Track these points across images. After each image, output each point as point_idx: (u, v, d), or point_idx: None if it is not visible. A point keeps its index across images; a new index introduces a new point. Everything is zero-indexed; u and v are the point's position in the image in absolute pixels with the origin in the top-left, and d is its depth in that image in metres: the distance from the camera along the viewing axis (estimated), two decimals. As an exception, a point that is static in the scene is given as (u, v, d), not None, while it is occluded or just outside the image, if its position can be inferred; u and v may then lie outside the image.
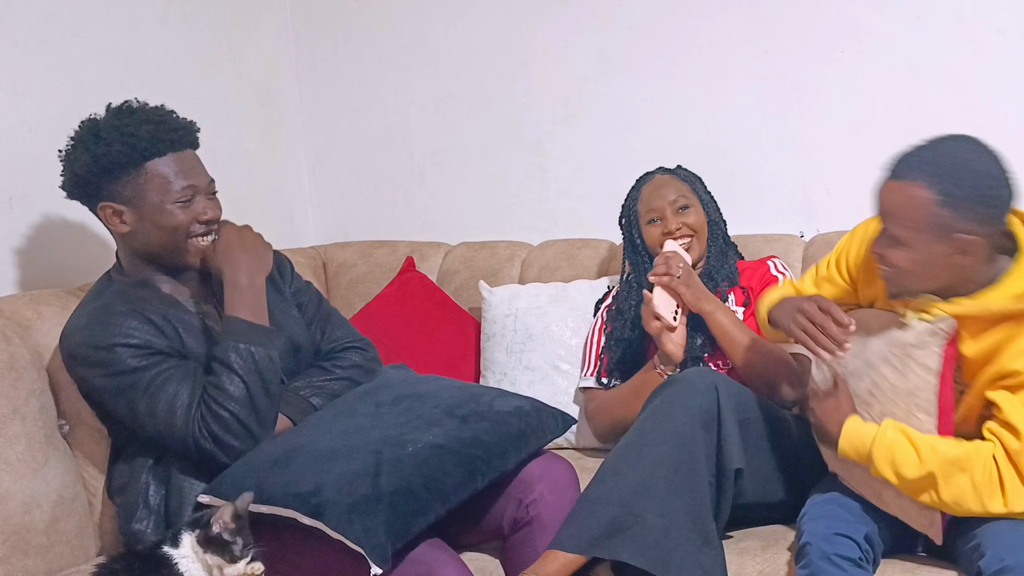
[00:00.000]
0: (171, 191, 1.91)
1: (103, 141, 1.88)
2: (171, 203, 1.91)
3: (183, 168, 1.93)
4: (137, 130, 1.88)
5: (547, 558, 1.78)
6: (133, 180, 1.90)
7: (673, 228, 2.32)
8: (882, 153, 2.55)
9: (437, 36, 2.96)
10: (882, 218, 1.75)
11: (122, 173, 1.89)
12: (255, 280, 1.94)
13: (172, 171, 1.91)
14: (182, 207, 1.92)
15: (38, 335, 2.04)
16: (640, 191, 2.40)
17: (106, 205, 1.92)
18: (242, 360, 1.86)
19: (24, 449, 1.92)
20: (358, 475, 1.73)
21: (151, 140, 1.89)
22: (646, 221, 2.36)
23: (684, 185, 2.37)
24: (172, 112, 1.97)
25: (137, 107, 1.95)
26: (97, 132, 1.90)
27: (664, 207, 2.33)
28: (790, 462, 2.04)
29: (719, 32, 2.67)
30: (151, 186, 1.90)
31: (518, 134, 2.91)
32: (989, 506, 1.67)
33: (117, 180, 1.90)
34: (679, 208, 2.34)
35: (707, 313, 2.21)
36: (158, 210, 1.91)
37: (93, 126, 1.92)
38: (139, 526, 1.88)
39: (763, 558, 1.89)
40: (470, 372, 2.68)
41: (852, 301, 1.98)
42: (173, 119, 1.95)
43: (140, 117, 1.91)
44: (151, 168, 1.90)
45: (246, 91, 2.94)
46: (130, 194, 1.90)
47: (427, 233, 2.99)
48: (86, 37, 2.43)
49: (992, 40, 2.45)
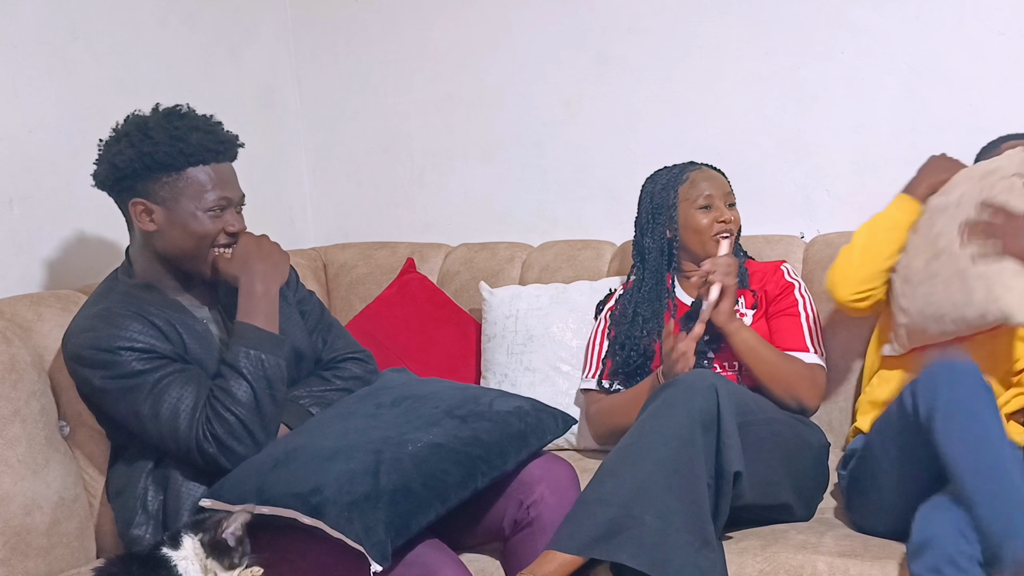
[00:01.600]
0: (206, 200, 1.91)
1: (151, 139, 1.89)
2: (203, 211, 1.92)
3: (220, 179, 1.93)
4: (187, 135, 1.89)
5: (545, 558, 1.78)
6: (172, 182, 1.90)
7: (727, 218, 2.30)
8: (882, 154, 2.59)
9: (437, 37, 2.96)
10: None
11: (162, 173, 1.90)
12: (270, 289, 1.95)
13: (210, 180, 1.92)
14: (212, 217, 1.93)
15: (39, 337, 2.05)
16: (685, 177, 2.34)
17: (138, 202, 1.92)
18: (252, 366, 1.87)
19: (25, 451, 1.92)
20: (358, 474, 1.73)
21: (199, 147, 1.90)
22: (697, 206, 2.31)
23: (728, 183, 2.37)
24: (220, 123, 1.98)
25: (187, 112, 1.96)
26: (146, 129, 1.90)
27: (717, 196, 2.32)
28: (790, 464, 2.05)
29: (719, 33, 2.67)
30: (188, 192, 1.91)
31: (518, 135, 2.92)
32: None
33: (156, 180, 1.90)
34: (729, 204, 2.34)
35: (732, 331, 2.20)
36: (190, 216, 1.91)
37: (142, 123, 1.91)
38: (138, 531, 1.88)
39: (763, 557, 1.89)
40: (471, 373, 2.68)
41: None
42: (222, 131, 1.96)
43: (191, 123, 1.92)
44: (191, 174, 1.91)
45: (246, 92, 2.94)
46: (165, 195, 1.91)
47: (427, 234, 3.00)
48: (86, 38, 2.43)
49: (992, 41, 2.45)
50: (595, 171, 2.84)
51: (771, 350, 2.21)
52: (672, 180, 2.35)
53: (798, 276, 2.37)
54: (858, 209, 2.59)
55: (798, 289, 2.32)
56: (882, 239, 2.16)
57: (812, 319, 2.29)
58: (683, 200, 2.33)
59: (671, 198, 2.34)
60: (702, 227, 2.31)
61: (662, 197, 2.35)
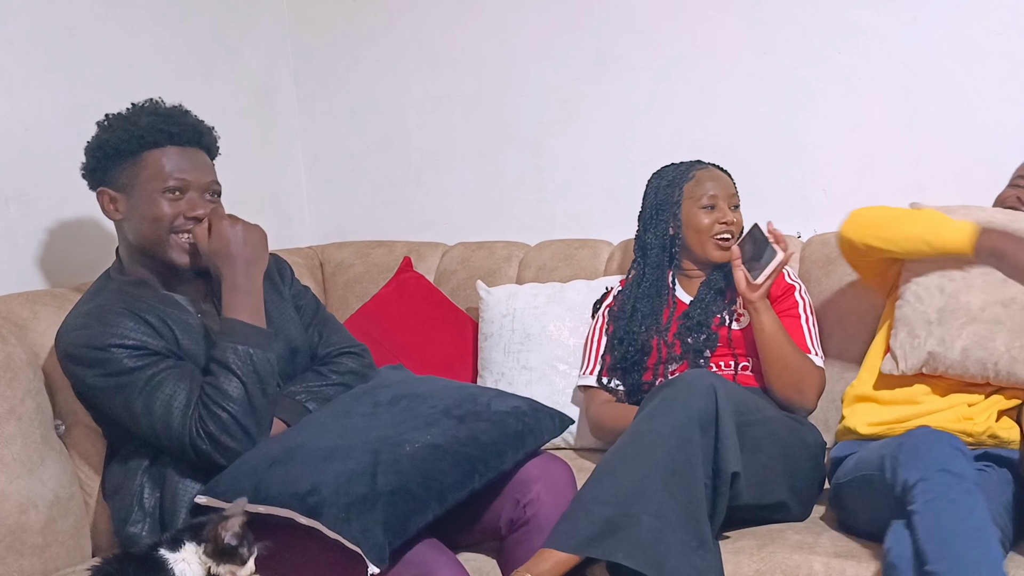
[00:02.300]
0: (162, 182, 1.93)
1: (108, 128, 1.96)
2: (159, 193, 1.93)
3: (181, 162, 1.94)
4: (139, 120, 1.94)
5: (541, 557, 1.78)
6: (130, 167, 1.94)
7: (730, 220, 2.30)
8: (879, 154, 2.59)
9: (434, 36, 2.96)
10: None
11: (121, 160, 1.94)
12: (253, 281, 1.94)
13: (169, 163, 1.94)
14: (170, 200, 1.93)
15: (34, 335, 2.04)
16: (692, 175, 2.34)
17: (104, 191, 1.96)
18: (240, 362, 1.86)
19: (20, 449, 1.91)
20: (355, 475, 1.73)
21: (149, 129, 1.93)
22: (701, 205, 2.31)
23: (733, 184, 2.37)
24: (184, 111, 2.00)
25: (150, 104, 2.00)
26: (108, 120, 1.98)
27: (722, 197, 2.31)
28: (787, 464, 2.05)
29: (717, 33, 2.67)
30: (145, 175, 1.93)
31: (515, 134, 2.91)
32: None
33: (116, 166, 1.94)
34: (734, 206, 2.34)
35: (761, 309, 2.19)
36: (148, 199, 1.93)
37: (108, 116, 1.99)
38: (134, 529, 1.88)
39: (759, 557, 1.89)
40: (468, 372, 2.68)
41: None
42: (179, 114, 1.99)
43: (148, 110, 1.97)
44: (148, 157, 1.93)
45: (243, 91, 2.94)
46: (125, 181, 1.94)
47: (424, 233, 2.99)
48: (82, 36, 2.42)
49: (989, 41, 2.45)
50: (592, 170, 2.84)
51: (789, 340, 2.20)
52: (678, 177, 2.35)
53: (798, 278, 2.37)
54: (855, 208, 2.60)
55: (799, 291, 2.32)
56: (918, 234, 1.99)
57: (812, 321, 2.29)
58: (687, 198, 2.33)
59: (675, 195, 2.34)
60: (703, 227, 2.31)
61: (667, 193, 2.35)
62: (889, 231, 2.02)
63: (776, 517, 2.05)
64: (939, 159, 2.52)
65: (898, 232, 2.01)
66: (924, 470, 1.71)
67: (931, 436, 1.80)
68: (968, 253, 1.91)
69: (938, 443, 1.76)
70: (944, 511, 1.65)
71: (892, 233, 2.02)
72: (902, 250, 2.03)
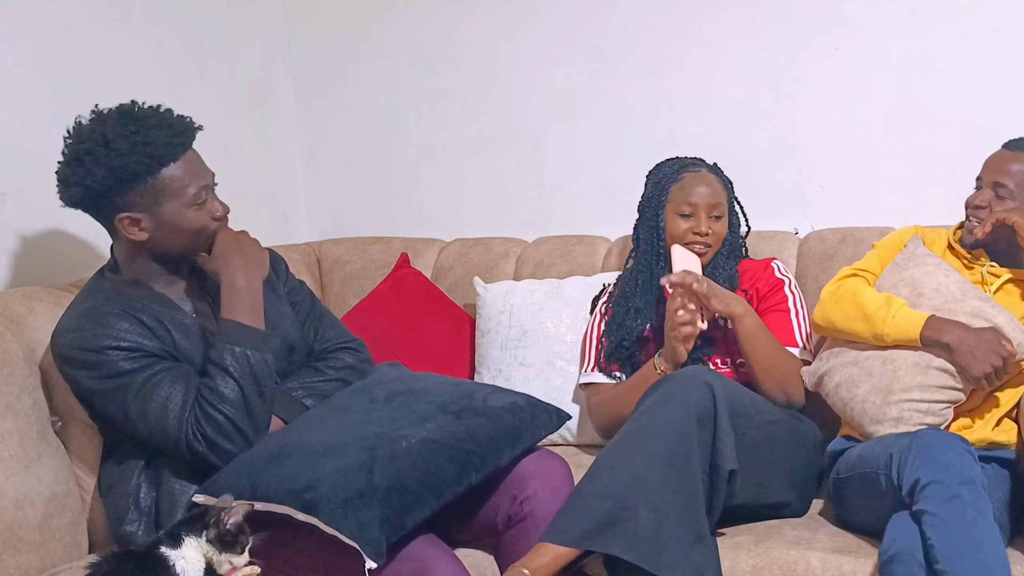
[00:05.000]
0: (187, 196, 1.89)
1: (116, 152, 1.82)
2: (188, 207, 1.89)
3: (192, 170, 1.90)
4: (149, 137, 1.84)
5: (538, 551, 1.78)
6: (150, 188, 1.86)
7: (704, 231, 2.29)
8: (876, 150, 2.59)
9: (431, 32, 2.95)
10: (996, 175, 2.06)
11: (139, 183, 1.85)
12: (252, 283, 1.93)
13: (185, 175, 1.88)
14: (198, 209, 1.90)
15: (31, 331, 2.04)
16: (681, 177, 2.33)
17: (124, 216, 1.88)
18: (237, 363, 1.85)
19: (17, 445, 1.91)
20: (352, 470, 1.73)
21: (167, 146, 1.86)
22: (679, 212, 2.31)
23: (723, 192, 2.35)
24: (171, 111, 1.93)
25: (138, 111, 1.90)
26: (107, 142, 1.83)
27: (702, 207, 2.30)
28: (786, 463, 2.05)
29: (714, 29, 2.67)
30: (168, 192, 1.87)
31: (513, 130, 2.91)
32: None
33: (134, 190, 1.86)
34: (714, 216, 2.32)
35: (738, 316, 2.19)
36: (177, 215, 1.89)
37: (99, 136, 1.84)
38: (130, 528, 1.88)
39: (756, 552, 1.89)
40: (465, 368, 2.68)
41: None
42: (180, 121, 1.92)
43: (149, 123, 1.87)
44: (165, 174, 1.86)
45: (240, 87, 2.93)
46: (148, 202, 1.87)
47: (421, 229, 2.99)
48: (78, 32, 2.42)
49: (986, 37, 2.45)
50: (590, 166, 2.84)
51: (772, 341, 2.21)
52: (667, 177, 2.35)
53: (788, 273, 2.37)
54: (852, 205, 2.60)
55: (788, 286, 2.32)
56: (872, 333, 2.05)
57: (802, 315, 2.30)
58: (670, 200, 2.33)
59: (662, 195, 2.34)
60: (677, 233, 2.31)
61: (655, 191, 2.36)
62: (847, 332, 2.09)
63: (775, 514, 2.06)
64: (936, 155, 2.52)
65: (855, 334, 2.08)
66: (936, 472, 1.74)
67: (942, 437, 1.83)
68: (917, 344, 2.01)
69: (950, 445, 1.79)
70: (958, 513, 1.69)
71: (849, 335, 2.09)
72: (861, 341, 2.08)
